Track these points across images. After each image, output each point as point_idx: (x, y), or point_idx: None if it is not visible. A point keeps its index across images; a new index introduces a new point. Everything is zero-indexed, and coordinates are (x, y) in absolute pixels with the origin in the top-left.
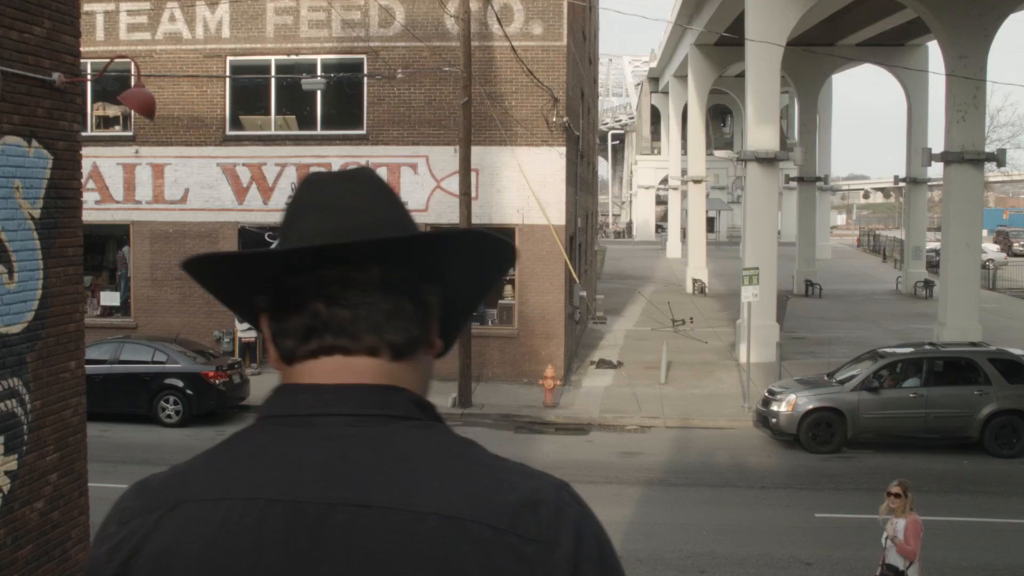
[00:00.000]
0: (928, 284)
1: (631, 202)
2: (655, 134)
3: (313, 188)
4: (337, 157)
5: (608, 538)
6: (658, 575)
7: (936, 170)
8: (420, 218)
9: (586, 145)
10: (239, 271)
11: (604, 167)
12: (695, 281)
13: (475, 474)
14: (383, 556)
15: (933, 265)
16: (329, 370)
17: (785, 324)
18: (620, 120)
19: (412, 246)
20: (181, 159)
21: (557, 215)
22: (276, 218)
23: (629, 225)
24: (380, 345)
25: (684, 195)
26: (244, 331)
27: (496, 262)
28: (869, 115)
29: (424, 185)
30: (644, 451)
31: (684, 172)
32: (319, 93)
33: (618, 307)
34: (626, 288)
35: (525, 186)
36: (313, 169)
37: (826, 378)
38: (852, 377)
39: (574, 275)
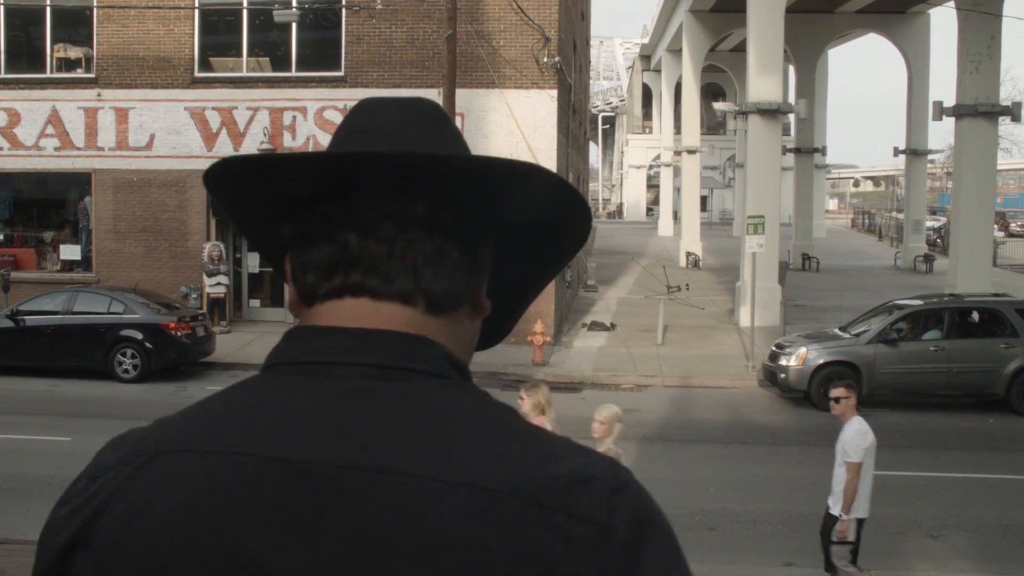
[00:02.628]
0: (928, 259)
1: (621, 184)
2: (647, 113)
3: (363, 113)
4: (313, 100)
5: (671, 528)
6: None
7: (936, 140)
8: None
9: (578, 102)
10: (267, 185)
11: (595, 152)
12: (689, 254)
13: (517, 442)
14: (399, 531)
15: (932, 244)
16: (354, 314)
17: (785, 293)
18: (611, 103)
19: (464, 171)
20: (146, 103)
21: (548, 163)
22: None
23: (620, 206)
24: (415, 291)
25: (677, 172)
26: (212, 286)
27: (569, 226)
28: (860, 106)
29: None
30: (642, 408)
31: (678, 143)
32: (294, 33)
33: (610, 278)
34: (618, 263)
35: (514, 131)
36: (288, 114)
37: (838, 331)
38: (867, 330)
39: None
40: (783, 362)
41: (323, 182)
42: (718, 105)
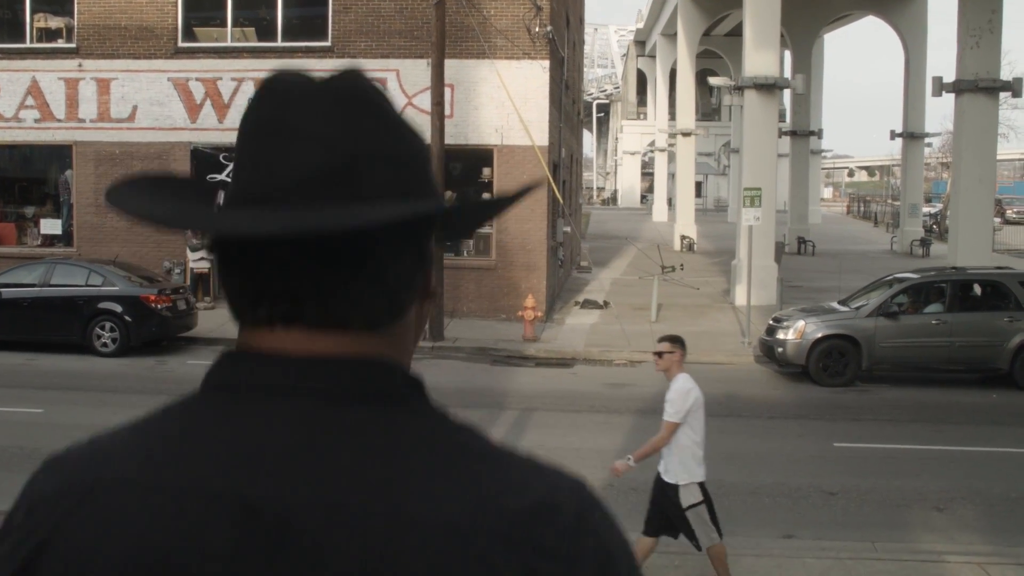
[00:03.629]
0: (925, 243)
1: (616, 171)
2: (641, 100)
3: (275, 102)
4: (300, 71)
5: (632, 549)
6: None
7: (933, 123)
8: None
9: (572, 79)
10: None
11: (589, 141)
12: (683, 238)
13: (479, 471)
14: (359, 573)
15: (928, 230)
16: (298, 336)
17: (781, 272)
18: (605, 90)
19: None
20: (128, 73)
21: (540, 135)
22: (232, 138)
23: (614, 193)
24: (359, 311)
25: (671, 158)
26: (196, 261)
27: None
28: (854, 96)
29: (394, 102)
30: (635, 383)
31: (672, 128)
32: (280, 2)
33: (604, 260)
34: (611, 247)
35: (504, 103)
36: None
37: (837, 305)
38: (867, 304)
39: (558, 194)
40: (780, 336)
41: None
42: (714, 80)
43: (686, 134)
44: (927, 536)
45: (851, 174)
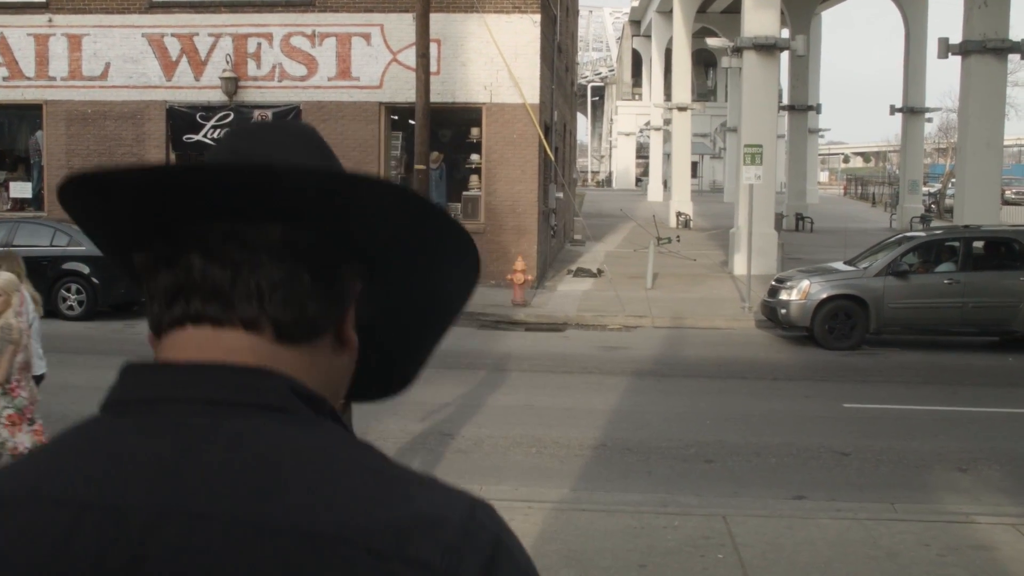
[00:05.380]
0: (925, 219)
1: (611, 154)
2: (636, 81)
3: (231, 136)
4: (279, 26)
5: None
6: (653, 465)
7: (934, 99)
8: (374, 96)
9: (564, 43)
10: (113, 203)
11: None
12: (679, 214)
13: (363, 482)
14: None
15: (927, 209)
16: (194, 344)
17: (782, 241)
18: (600, 73)
19: (302, 182)
20: (101, 29)
21: (531, 93)
22: (209, 96)
23: (609, 175)
24: (260, 318)
25: (667, 137)
26: None
27: (448, 253)
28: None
29: (378, 58)
30: (630, 346)
31: (668, 99)
32: None
33: (598, 235)
34: (606, 224)
35: (494, 59)
36: (252, 40)
37: (843, 265)
38: (875, 263)
39: (549, 153)
40: (784, 297)
41: (164, 201)
42: (712, 41)
43: (682, 108)
44: (951, 497)
45: (846, 160)
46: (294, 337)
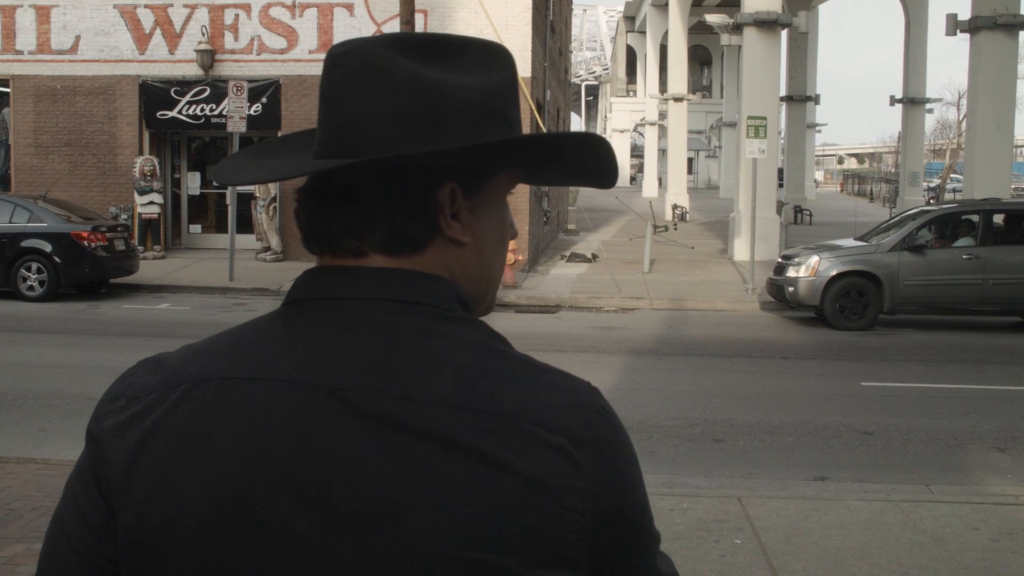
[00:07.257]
0: None
1: None
2: (631, 78)
3: (326, 75)
4: None
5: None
6: (657, 443)
7: (935, 89)
8: None
9: (557, 22)
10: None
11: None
12: (675, 207)
13: (520, 374)
14: (431, 451)
15: (928, 204)
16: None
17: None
18: (594, 71)
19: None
20: (71, 0)
21: (523, 66)
22: (184, 70)
23: None
24: (387, 239)
25: (662, 132)
26: (144, 205)
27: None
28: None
29: (362, 30)
30: (627, 327)
31: (664, 92)
32: None
33: (593, 227)
34: (601, 217)
35: (483, 30)
36: (230, 11)
37: (854, 241)
38: (889, 238)
39: (542, 127)
40: (791, 274)
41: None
42: (711, 17)
43: (678, 99)
44: (991, 478)
45: (840, 161)
46: (402, 251)
